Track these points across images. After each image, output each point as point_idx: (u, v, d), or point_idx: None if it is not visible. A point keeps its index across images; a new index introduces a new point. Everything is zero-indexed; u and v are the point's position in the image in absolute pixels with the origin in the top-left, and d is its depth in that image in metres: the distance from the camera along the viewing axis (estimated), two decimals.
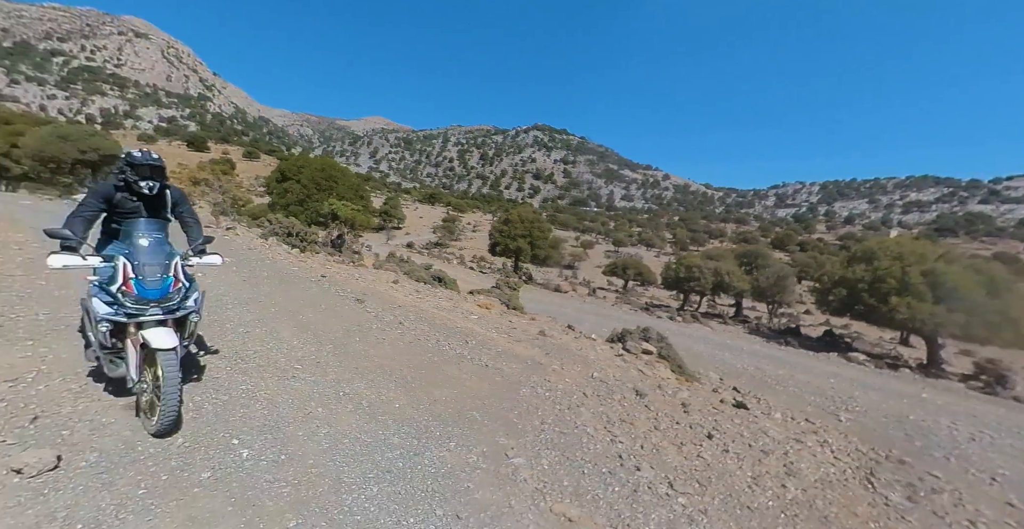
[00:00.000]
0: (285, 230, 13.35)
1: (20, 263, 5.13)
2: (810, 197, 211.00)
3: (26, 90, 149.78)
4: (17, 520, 1.79)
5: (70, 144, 19.16)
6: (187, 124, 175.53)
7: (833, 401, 7.16)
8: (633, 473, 2.91)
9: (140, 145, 68.56)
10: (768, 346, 13.58)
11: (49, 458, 2.12)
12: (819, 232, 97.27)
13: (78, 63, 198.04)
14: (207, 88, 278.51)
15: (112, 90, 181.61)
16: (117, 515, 1.91)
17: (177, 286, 2.54)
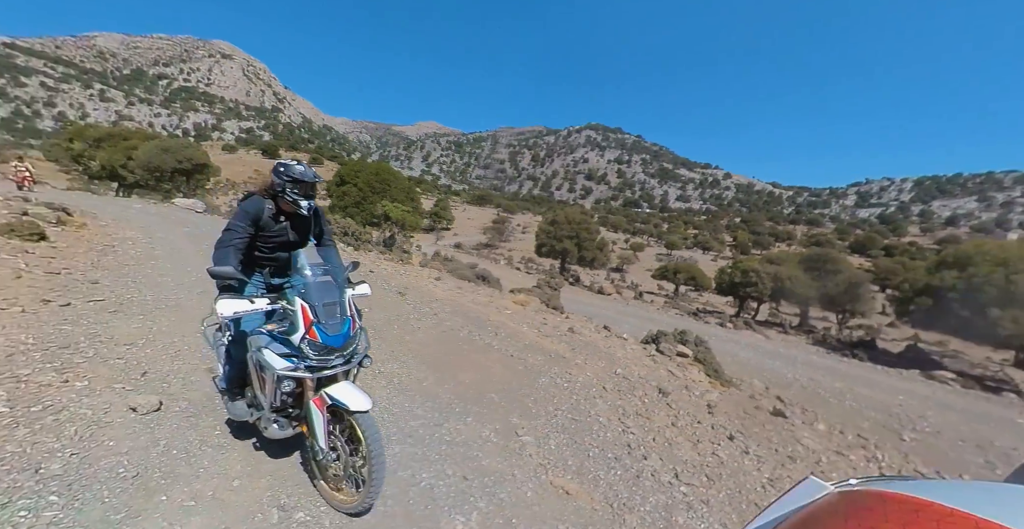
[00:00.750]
0: (342, 230, 14.66)
1: (133, 256, 6.30)
2: (900, 195, 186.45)
3: (139, 110, 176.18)
4: (134, 443, 2.39)
5: (170, 155, 22.47)
6: (262, 134, 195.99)
7: (898, 419, 6.54)
8: (639, 461, 3.04)
9: (225, 155, 76.06)
10: (829, 358, 12.47)
11: (154, 402, 2.76)
12: (911, 235, 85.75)
13: (177, 84, 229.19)
14: (279, 101, 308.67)
15: (203, 106, 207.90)
16: (200, 448, 2.46)
17: (355, 328, 2.16)
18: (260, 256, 2.42)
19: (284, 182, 2.28)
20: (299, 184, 2.28)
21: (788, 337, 17.34)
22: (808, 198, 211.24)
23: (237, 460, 2.38)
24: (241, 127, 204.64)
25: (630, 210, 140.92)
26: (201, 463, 2.32)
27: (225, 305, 1.94)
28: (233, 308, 1.95)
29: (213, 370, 2.82)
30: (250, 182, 34.94)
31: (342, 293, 2.18)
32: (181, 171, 23.11)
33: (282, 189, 2.28)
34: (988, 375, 13.70)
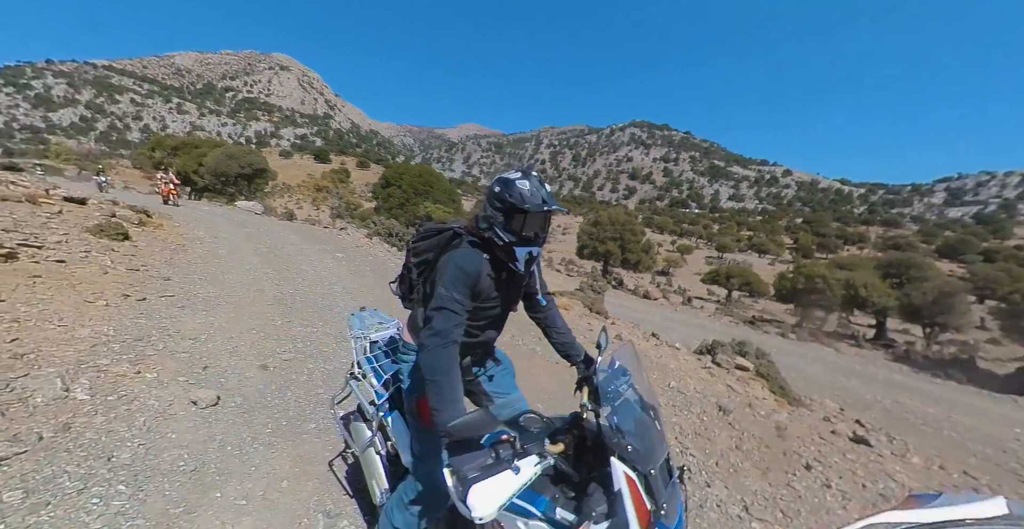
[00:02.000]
0: (387, 230, 15.21)
1: (200, 254, 6.84)
2: (1003, 191, 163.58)
3: (209, 121, 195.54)
4: (194, 436, 2.50)
5: (234, 161, 24.60)
6: (315, 140, 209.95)
7: (1016, 456, 5.60)
8: (702, 488, 2.76)
9: (281, 160, 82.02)
10: (916, 378, 11.05)
11: (212, 396, 2.90)
12: (1018, 237, 74.83)
13: (241, 96, 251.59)
14: (330, 108, 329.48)
15: (263, 116, 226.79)
16: (252, 445, 2.53)
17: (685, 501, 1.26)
18: (464, 341, 1.42)
19: (499, 214, 1.39)
20: (532, 216, 1.38)
21: (863, 351, 15.65)
22: (884, 196, 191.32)
23: (286, 460, 2.42)
24: (296, 134, 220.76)
25: (677, 210, 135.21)
26: (253, 461, 2.37)
27: (482, 496, 1.02)
28: (496, 498, 1.03)
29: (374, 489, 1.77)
30: (304, 185, 37.39)
31: (664, 433, 1.26)
32: (243, 176, 25.22)
33: (494, 222, 1.40)
34: None
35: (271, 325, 4.39)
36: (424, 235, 1.61)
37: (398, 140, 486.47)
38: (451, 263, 1.38)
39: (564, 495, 1.21)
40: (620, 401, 1.26)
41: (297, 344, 4.03)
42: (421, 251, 1.60)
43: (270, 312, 4.77)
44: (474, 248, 1.44)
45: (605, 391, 1.27)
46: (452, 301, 1.33)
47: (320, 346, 4.08)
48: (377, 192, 26.20)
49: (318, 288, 6.10)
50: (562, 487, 1.24)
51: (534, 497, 1.19)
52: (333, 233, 13.37)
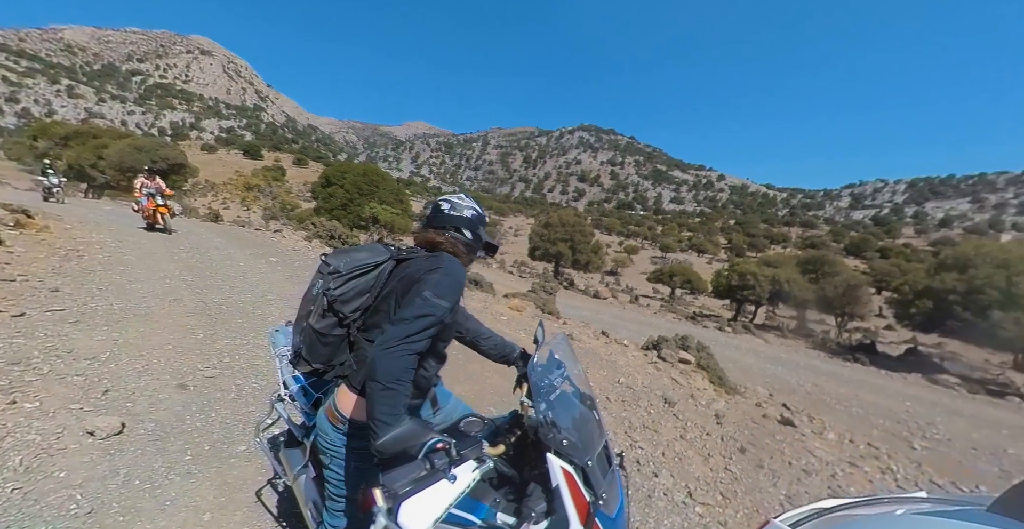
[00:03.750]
0: (328, 233, 14.40)
1: (100, 261, 6.02)
2: (894, 196, 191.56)
3: (110, 107, 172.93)
4: (90, 473, 2.18)
5: (144, 155, 21.98)
6: (244, 134, 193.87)
7: (907, 426, 6.53)
8: (650, 479, 2.91)
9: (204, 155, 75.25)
10: (831, 362, 12.54)
11: (116, 424, 2.55)
12: (905, 236, 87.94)
13: (153, 81, 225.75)
14: (262, 99, 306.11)
15: (180, 104, 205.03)
16: (167, 476, 2.26)
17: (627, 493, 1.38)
18: (425, 362, 1.37)
19: (480, 227, 1.49)
20: (489, 248, 1.55)
21: (787, 341, 17.47)
22: (802, 200, 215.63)
23: (209, 490, 2.19)
24: (221, 126, 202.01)
25: (624, 212, 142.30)
26: (167, 494, 2.12)
27: (415, 511, 0.98)
28: (431, 512, 0.99)
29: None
30: (231, 183, 34.27)
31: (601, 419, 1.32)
32: (156, 171, 22.66)
33: (480, 244, 1.49)
34: (990, 379, 13.92)
35: (191, 339, 3.96)
36: (354, 274, 1.33)
37: (340, 137, 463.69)
38: (442, 273, 1.26)
39: (506, 498, 1.19)
40: (556, 395, 1.27)
41: (223, 359, 3.68)
42: (353, 296, 1.33)
43: (190, 324, 4.31)
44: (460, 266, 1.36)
45: (539, 387, 1.26)
46: (443, 309, 1.19)
47: (251, 360, 3.76)
48: (317, 192, 24.77)
49: (249, 296, 5.62)
50: (505, 490, 1.21)
51: (474, 505, 1.14)
52: (266, 236, 12.41)
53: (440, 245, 1.40)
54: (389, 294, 1.32)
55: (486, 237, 1.51)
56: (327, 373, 1.44)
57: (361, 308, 1.36)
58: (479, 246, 1.49)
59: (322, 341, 1.37)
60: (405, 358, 1.13)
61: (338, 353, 1.40)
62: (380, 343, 1.14)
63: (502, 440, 1.27)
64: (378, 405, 1.10)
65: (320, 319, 1.35)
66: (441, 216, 1.46)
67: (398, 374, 1.12)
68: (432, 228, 1.46)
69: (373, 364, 1.12)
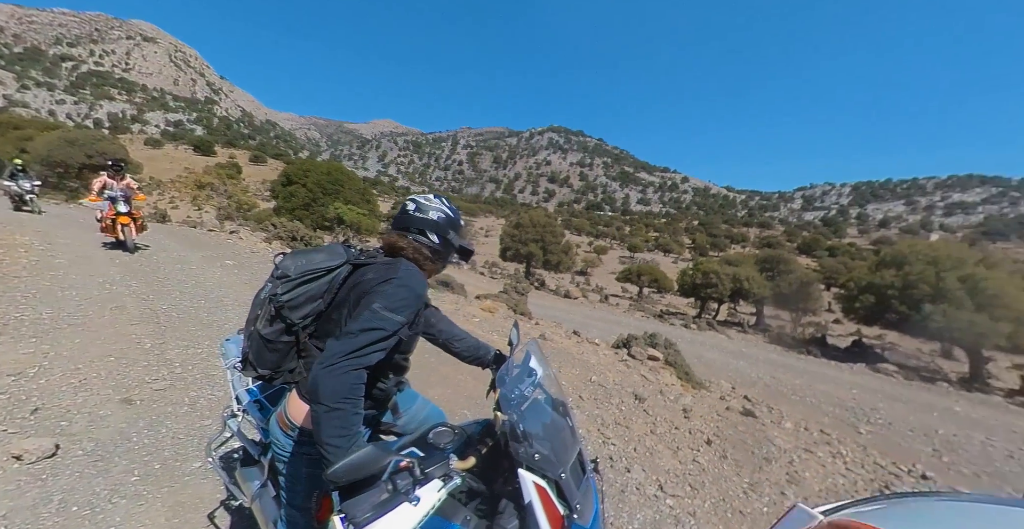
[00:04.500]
0: (290, 234, 13.79)
1: (25, 265, 5.47)
2: (840, 199, 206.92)
3: (35, 95, 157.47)
4: (16, 502, 1.98)
5: (77, 148, 20.16)
6: (193, 128, 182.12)
7: (854, 413, 7.05)
8: (623, 474, 2.99)
9: (149, 150, 69.96)
10: (787, 356, 13.36)
11: (48, 446, 2.32)
12: (850, 236, 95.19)
13: (87, 68, 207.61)
14: (214, 92, 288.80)
15: (120, 94, 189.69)
16: (110, 499, 2.09)
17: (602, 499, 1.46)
18: (382, 375, 1.35)
19: (445, 243, 1.40)
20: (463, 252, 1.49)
21: (747, 336, 18.45)
22: (760, 202, 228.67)
23: (160, 512, 2.04)
24: (168, 119, 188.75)
25: (593, 213, 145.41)
26: (111, 520, 1.96)
27: None
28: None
29: None
30: (181, 181, 31.98)
31: (574, 426, 1.31)
32: (92, 167, 20.80)
33: (440, 253, 1.40)
34: (923, 366, 15.32)
35: (137, 349, 3.68)
36: (304, 278, 1.26)
37: (301, 133, 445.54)
38: (396, 283, 1.18)
39: (477, 515, 1.14)
40: (527, 405, 1.23)
41: (174, 370, 3.44)
42: (303, 301, 1.26)
43: (135, 334, 4.00)
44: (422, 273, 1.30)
45: (508, 399, 1.20)
46: (394, 323, 1.12)
47: (207, 370, 3.54)
48: (277, 191, 23.68)
49: (202, 302, 5.29)
50: (475, 504, 1.17)
51: (442, 525, 1.08)
52: (221, 237, 11.73)
53: (401, 250, 1.33)
54: (342, 302, 1.25)
55: (459, 241, 1.44)
56: (275, 380, 1.37)
57: (312, 314, 1.28)
58: (448, 252, 1.42)
59: (269, 347, 1.30)
60: (350, 374, 1.04)
61: (287, 360, 1.34)
62: (321, 360, 1.05)
63: (473, 451, 1.23)
64: (325, 428, 1.01)
65: (268, 325, 1.28)
66: (406, 217, 1.38)
67: (344, 393, 1.03)
68: (396, 230, 1.39)
69: (314, 384, 1.03)
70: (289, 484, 1.30)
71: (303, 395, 1.26)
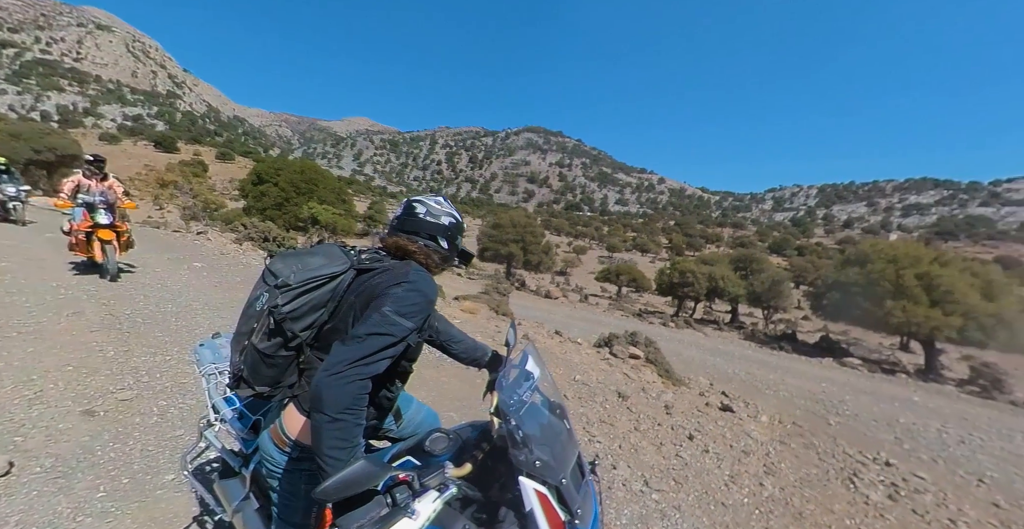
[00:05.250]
0: (261, 235, 13.33)
1: None
2: (808, 200, 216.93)
3: None
4: None
5: (23, 143, 18.84)
6: (154, 123, 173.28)
7: (823, 405, 7.40)
8: (609, 471, 3.05)
9: (102, 145, 66.26)
10: (761, 351, 13.91)
11: (0, 464, 2.17)
12: (817, 236, 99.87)
13: (32, 56, 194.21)
14: (177, 85, 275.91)
15: (71, 86, 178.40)
16: (74, 518, 1.97)
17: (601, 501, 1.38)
18: (390, 382, 1.31)
19: (459, 236, 1.42)
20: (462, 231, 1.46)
21: (723, 333, 19.08)
22: (733, 202, 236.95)
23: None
24: (126, 113, 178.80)
25: (572, 213, 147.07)
26: None
27: None
28: None
29: None
30: (141, 179, 30.27)
31: (572, 429, 1.32)
32: (40, 163, 19.51)
33: (455, 254, 1.43)
34: (883, 359, 16.23)
35: (98, 358, 3.49)
36: (307, 287, 1.18)
37: (272, 130, 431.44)
38: (408, 287, 1.14)
39: (475, 523, 1.12)
40: (525, 408, 1.22)
41: (141, 378, 3.28)
42: (306, 312, 1.19)
43: (96, 341, 3.79)
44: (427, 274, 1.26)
45: (507, 404, 1.19)
46: (404, 329, 1.08)
47: (176, 377, 3.39)
48: (247, 190, 22.88)
49: (170, 306, 5.05)
50: (472, 512, 1.16)
51: None
52: (187, 238, 11.23)
53: (412, 254, 1.29)
54: (348, 309, 1.19)
55: (462, 245, 1.44)
56: (273, 397, 1.29)
57: (315, 325, 1.22)
58: (454, 256, 1.42)
59: (268, 363, 1.21)
60: (356, 384, 1.00)
61: (286, 374, 1.26)
62: (327, 366, 1.01)
63: (469, 458, 1.22)
64: (326, 439, 0.98)
65: (266, 339, 1.18)
66: (415, 221, 1.34)
67: (348, 403, 0.98)
68: (404, 233, 1.34)
69: (317, 392, 0.99)
70: (285, 500, 1.25)
71: (303, 409, 1.20)
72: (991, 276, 14.75)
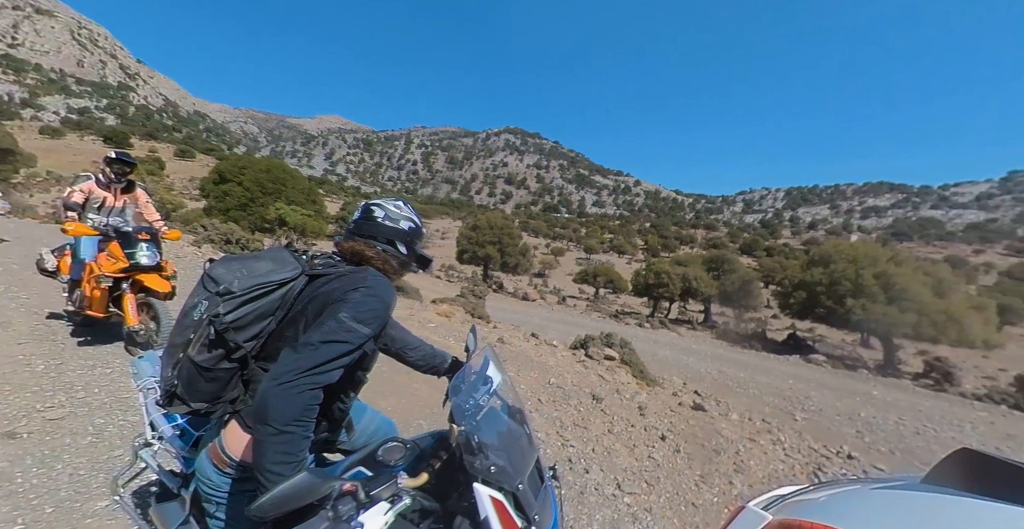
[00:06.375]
0: (223, 237, 12.74)
1: None
2: (776, 203, 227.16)
3: None
4: None
5: None
6: (104, 116, 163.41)
7: (790, 401, 7.70)
8: (582, 476, 3.04)
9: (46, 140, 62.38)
10: (732, 350, 14.37)
11: None
12: (784, 237, 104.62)
13: None
14: (129, 76, 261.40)
15: (5, 74, 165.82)
16: None
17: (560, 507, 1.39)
18: (343, 393, 1.25)
19: (417, 241, 1.37)
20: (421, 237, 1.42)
21: (696, 333, 19.63)
22: (705, 205, 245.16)
23: None
24: (71, 105, 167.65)
25: (550, 215, 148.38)
26: None
27: None
28: None
29: None
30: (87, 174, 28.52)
31: (531, 434, 1.28)
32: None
33: (414, 259, 1.38)
34: (846, 355, 17.11)
35: (25, 373, 3.20)
36: (252, 294, 1.09)
37: (237, 127, 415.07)
38: (366, 293, 1.09)
39: None
40: (483, 414, 1.20)
41: (75, 394, 3.03)
42: (252, 321, 1.10)
43: (24, 354, 3.48)
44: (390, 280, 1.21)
45: (463, 409, 1.17)
46: (360, 337, 1.03)
47: (117, 392, 3.15)
48: (208, 189, 21.91)
49: None
50: (429, 525, 1.12)
51: None
52: None
53: (369, 259, 1.24)
54: (298, 317, 1.12)
55: (420, 250, 1.39)
56: (212, 413, 1.19)
57: (261, 334, 1.13)
58: (412, 261, 1.38)
59: (206, 376, 1.12)
60: (306, 394, 0.94)
61: (227, 388, 1.16)
62: (275, 375, 0.95)
63: (425, 467, 1.18)
64: (269, 453, 0.91)
65: (204, 351, 1.09)
66: (373, 225, 1.30)
67: (296, 414, 0.93)
68: (361, 237, 1.29)
69: (263, 402, 0.93)
70: (226, 526, 1.16)
71: (247, 425, 1.11)
72: (941, 275, 15.83)
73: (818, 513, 0.74)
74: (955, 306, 14.49)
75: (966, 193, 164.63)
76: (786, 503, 0.87)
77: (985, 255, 75.22)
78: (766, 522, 0.77)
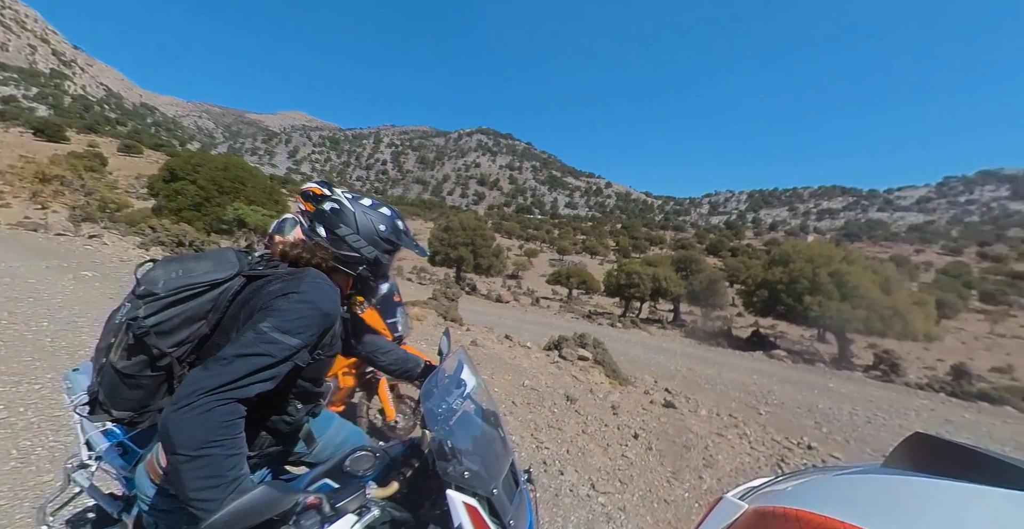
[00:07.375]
0: (174, 239, 12.01)
1: None
2: (739, 205, 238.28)
3: None
4: None
5: None
6: (35, 106, 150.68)
7: (755, 396, 8.06)
8: (556, 477, 3.04)
9: None
10: (700, 348, 14.91)
11: None
12: (748, 238, 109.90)
13: None
14: (64, 64, 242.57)
15: None
16: None
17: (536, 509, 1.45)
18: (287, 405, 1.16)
19: (384, 243, 1.27)
20: (394, 251, 1.33)
21: (666, 332, 20.23)
22: (674, 206, 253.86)
23: None
24: None
25: (523, 216, 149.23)
26: None
27: None
28: None
29: None
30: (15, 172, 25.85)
31: (506, 437, 1.28)
32: None
33: (374, 261, 1.25)
34: (804, 350, 18.11)
35: None
36: (178, 296, 1.02)
37: (190, 121, 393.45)
38: (298, 300, 1.00)
39: None
40: (456, 418, 1.18)
41: None
42: (178, 325, 1.02)
43: None
44: (334, 286, 1.11)
45: (435, 413, 1.15)
46: (286, 349, 0.94)
47: (47, 410, 2.88)
48: (158, 188, 20.62)
49: (45, 324, 4.34)
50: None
51: None
52: (75, 243, 9.81)
53: (304, 260, 1.15)
54: (230, 322, 1.04)
55: (384, 237, 1.28)
56: (138, 423, 1.10)
57: (191, 340, 1.04)
58: (376, 254, 1.26)
59: (129, 384, 1.03)
60: (217, 411, 0.85)
61: (155, 398, 1.07)
62: (175, 399, 0.85)
63: (395, 476, 1.14)
64: (189, 481, 0.81)
65: (125, 357, 1.01)
66: (344, 213, 1.22)
67: (208, 435, 0.83)
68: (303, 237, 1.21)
69: (164, 431, 0.83)
70: None
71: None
72: (888, 273, 17.05)
73: (788, 499, 0.80)
74: (900, 302, 15.64)
75: (908, 197, 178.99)
76: (759, 493, 0.92)
77: (924, 254, 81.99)
78: (742, 510, 0.82)
